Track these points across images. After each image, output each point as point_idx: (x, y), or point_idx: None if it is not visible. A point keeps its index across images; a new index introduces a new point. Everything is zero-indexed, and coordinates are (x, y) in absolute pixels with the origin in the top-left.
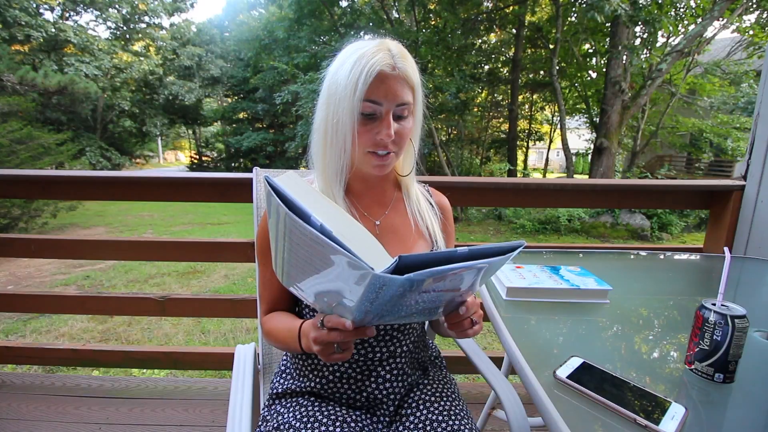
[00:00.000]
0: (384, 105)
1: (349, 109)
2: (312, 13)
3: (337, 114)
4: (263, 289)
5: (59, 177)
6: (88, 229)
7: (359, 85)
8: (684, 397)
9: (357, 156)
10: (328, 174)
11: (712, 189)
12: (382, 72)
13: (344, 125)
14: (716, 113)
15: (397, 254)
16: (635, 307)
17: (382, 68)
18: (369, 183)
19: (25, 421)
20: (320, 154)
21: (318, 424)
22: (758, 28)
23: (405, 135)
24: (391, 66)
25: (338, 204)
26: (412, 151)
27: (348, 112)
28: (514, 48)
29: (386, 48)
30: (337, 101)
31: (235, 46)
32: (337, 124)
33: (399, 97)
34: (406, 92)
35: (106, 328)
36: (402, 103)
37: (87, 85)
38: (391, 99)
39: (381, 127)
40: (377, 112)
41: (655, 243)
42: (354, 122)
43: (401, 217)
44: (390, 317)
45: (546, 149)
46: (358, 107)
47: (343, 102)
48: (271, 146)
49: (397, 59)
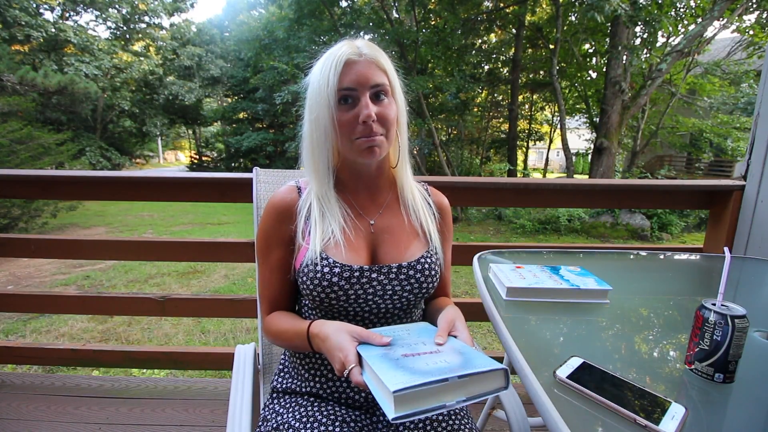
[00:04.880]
0: (358, 89)
1: (325, 102)
2: (312, 13)
3: (318, 111)
4: (263, 289)
5: (59, 177)
6: (88, 229)
7: (330, 76)
8: (684, 397)
9: (345, 147)
10: (320, 172)
11: (712, 189)
12: (350, 59)
13: (323, 118)
14: (716, 113)
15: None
16: (635, 307)
17: (349, 56)
18: (362, 179)
19: (25, 421)
20: (309, 156)
21: (317, 423)
22: (758, 28)
23: (389, 117)
24: (358, 54)
25: (331, 202)
26: (402, 139)
27: (324, 105)
28: (514, 48)
29: (353, 42)
30: (315, 100)
31: (235, 46)
32: (317, 120)
33: (370, 79)
34: (377, 74)
35: (106, 328)
36: (375, 84)
37: (87, 85)
38: (363, 82)
39: (360, 108)
40: (352, 96)
41: (655, 243)
42: (331, 111)
43: (396, 217)
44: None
45: (546, 149)
46: (333, 96)
47: (319, 98)
48: (271, 146)
49: (363, 48)
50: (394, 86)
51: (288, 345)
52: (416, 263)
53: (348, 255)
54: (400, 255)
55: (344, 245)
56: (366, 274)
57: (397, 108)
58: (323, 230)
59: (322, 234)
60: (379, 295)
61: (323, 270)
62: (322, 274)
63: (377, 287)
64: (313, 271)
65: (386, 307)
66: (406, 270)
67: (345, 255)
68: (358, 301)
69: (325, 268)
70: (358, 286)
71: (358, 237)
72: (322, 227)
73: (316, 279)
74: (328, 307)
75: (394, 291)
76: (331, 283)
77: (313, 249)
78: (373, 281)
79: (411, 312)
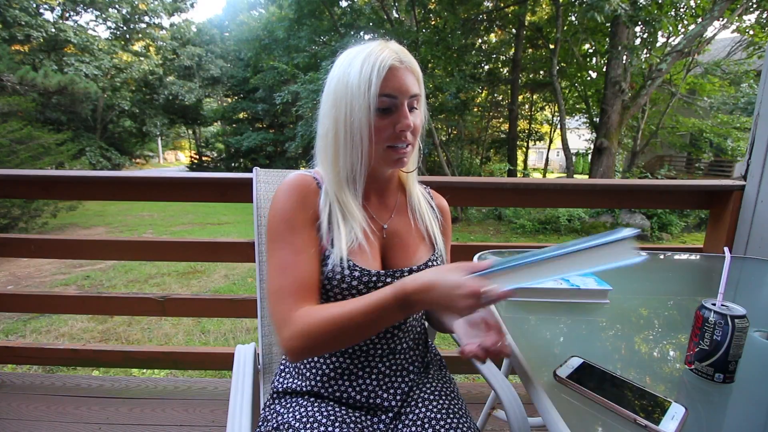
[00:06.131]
0: (399, 98)
1: (365, 107)
2: (312, 13)
3: (352, 114)
4: (283, 277)
5: (59, 177)
6: (88, 229)
7: (373, 80)
8: (684, 397)
9: (375, 153)
10: (342, 178)
11: (712, 189)
12: (394, 66)
13: (360, 123)
14: (716, 113)
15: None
16: (635, 307)
17: (393, 62)
18: (378, 185)
19: (25, 421)
20: (331, 158)
21: (317, 424)
22: (758, 28)
23: (419, 127)
24: (399, 60)
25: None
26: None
27: (364, 109)
28: (514, 48)
29: (389, 45)
30: (350, 101)
31: (235, 46)
32: (352, 124)
33: (410, 88)
34: (414, 84)
35: (106, 328)
36: (414, 94)
37: (87, 85)
38: (404, 91)
39: (399, 118)
40: (393, 105)
41: (655, 243)
42: (370, 118)
43: (405, 221)
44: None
45: (546, 149)
46: (374, 103)
47: (358, 100)
48: (271, 146)
49: (402, 54)
50: (421, 96)
51: (350, 333)
52: (424, 267)
53: (364, 260)
54: (409, 259)
55: (367, 250)
56: (382, 279)
57: (423, 117)
58: (347, 233)
59: (346, 237)
60: None
61: (343, 273)
62: (342, 276)
63: None
64: (333, 272)
65: None
66: None
67: (365, 259)
68: None
69: (345, 271)
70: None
71: (372, 242)
72: (346, 229)
73: (335, 280)
74: None
75: None
76: (351, 286)
77: (338, 253)
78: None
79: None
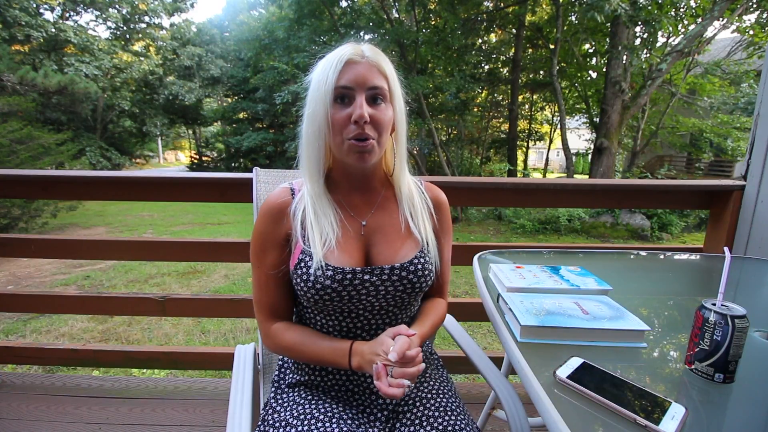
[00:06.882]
0: (355, 89)
1: (321, 98)
2: (312, 13)
3: (315, 107)
4: (261, 294)
5: (59, 177)
6: (88, 229)
7: (329, 74)
8: (684, 397)
9: (337, 146)
10: (311, 171)
11: (712, 189)
12: (351, 59)
13: (318, 114)
14: (716, 113)
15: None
16: (635, 307)
17: (351, 57)
18: (354, 179)
19: (25, 421)
20: (304, 154)
21: (315, 421)
22: (758, 28)
23: (383, 121)
24: (360, 55)
25: (323, 202)
26: (400, 148)
27: (321, 101)
28: (514, 48)
29: (358, 45)
30: (313, 96)
31: (235, 46)
32: (312, 115)
33: (369, 80)
34: (377, 77)
35: (106, 328)
36: (373, 86)
37: (87, 85)
38: (360, 83)
39: (354, 107)
40: (348, 95)
41: (655, 243)
42: (327, 108)
43: (390, 217)
44: None
45: (546, 149)
46: (330, 93)
47: (317, 93)
48: (271, 146)
49: (367, 51)
50: (393, 92)
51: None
52: (409, 264)
53: (340, 257)
54: (393, 255)
55: (335, 247)
56: (358, 276)
57: (395, 114)
58: (320, 232)
59: (320, 236)
60: (373, 295)
61: (315, 273)
62: (315, 277)
63: (370, 288)
64: (306, 273)
65: (380, 305)
66: (399, 271)
67: (337, 257)
68: (351, 301)
69: (317, 271)
70: (351, 288)
71: (350, 238)
72: (319, 229)
73: (309, 282)
74: (323, 306)
75: (387, 291)
76: (324, 285)
77: (317, 260)
78: (366, 282)
79: (407, 308)
